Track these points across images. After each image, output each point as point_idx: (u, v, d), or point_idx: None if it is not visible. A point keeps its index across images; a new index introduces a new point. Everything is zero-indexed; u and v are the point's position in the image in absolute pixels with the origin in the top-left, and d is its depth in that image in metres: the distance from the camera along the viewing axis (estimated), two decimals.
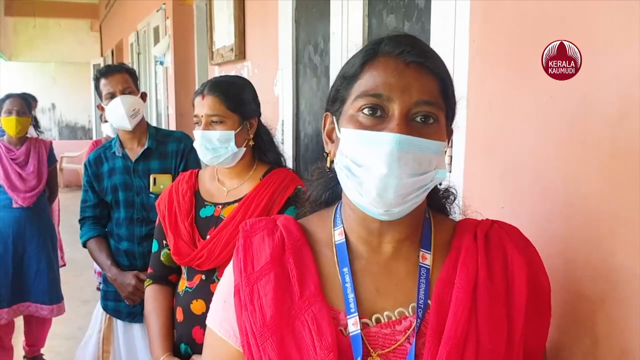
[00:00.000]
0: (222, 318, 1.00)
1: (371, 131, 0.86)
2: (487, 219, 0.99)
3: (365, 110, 0.87)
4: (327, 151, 0.98)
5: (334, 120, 0.95)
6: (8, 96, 3.75)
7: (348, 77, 0.92)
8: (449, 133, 0.95)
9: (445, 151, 0.92)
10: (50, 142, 3.98)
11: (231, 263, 1.01)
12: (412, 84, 0.86)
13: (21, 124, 3.66)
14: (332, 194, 1.04)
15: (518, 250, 0.93)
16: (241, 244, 0.98)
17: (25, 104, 3.71)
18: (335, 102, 0.95)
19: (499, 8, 1.41)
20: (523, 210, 1.35)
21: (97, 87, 2.61)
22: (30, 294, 3.71)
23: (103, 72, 2.58)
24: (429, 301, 0.90)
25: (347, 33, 2.10)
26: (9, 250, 3.65)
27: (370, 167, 0.85)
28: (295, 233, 0.98)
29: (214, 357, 1.03)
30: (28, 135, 3.83)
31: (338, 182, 0.93)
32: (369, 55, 0.90)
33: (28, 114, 3.73)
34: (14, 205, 3.66)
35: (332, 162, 0.95)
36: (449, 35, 1.54)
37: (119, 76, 2.55)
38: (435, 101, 0.87)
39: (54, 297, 3.81)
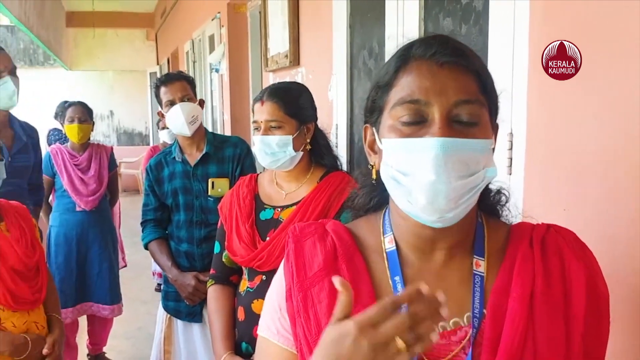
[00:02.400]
0: (278, 325, 0.97)
1: (414, 138, 0.84)
2: (542, 223, 0.95)
3: (405, 118, 0.85)
4: (371, 163, 0.96)
5: (374, 131, 0.93)
6: (70, 104, 3.91)
7: (382, 85, 0.90)
8: (494, 128, 0.92)
9: (493, 148, 0.89)
10: (111, 148, 4.13)
11: (281, 269, 0.99)
12: (449, 84, 0.84)
13: (83, 131, 3.82)
14: (379, 199, 1.01)
15: (575, 257, 0.89)
16: (292, 248, 0.97)
17: (86, 112, 3.87)
18: (373, 112, 0.93)
19: (559, 8, 1.40)
20: (587, 212, 1.33)
21: (157, 95, 2.69)
22: (92, 295, 3.84)
23: (163, 81, 2.66)
24: (484, 310, 0.87)
25: (402, 37, 2.10)
26: (73, 252, 3.78)
27: (417, 175, 0.82)
28: (346, 239, 0.96)
29: None
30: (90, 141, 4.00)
31: (385, 189, 0.92)
32: (401, 60, 0.88)
33: (89, 121, 3.89)
34: (77, 209, 3.81)
35: (377, 173, 0.93)
36: (508, 38, 1.53)
37: (178, 84, 2.63)
38: (474, 98, 0.85)
39: (115, 297, 3.93)
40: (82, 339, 4.15)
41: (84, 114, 3.84)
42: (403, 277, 0.91)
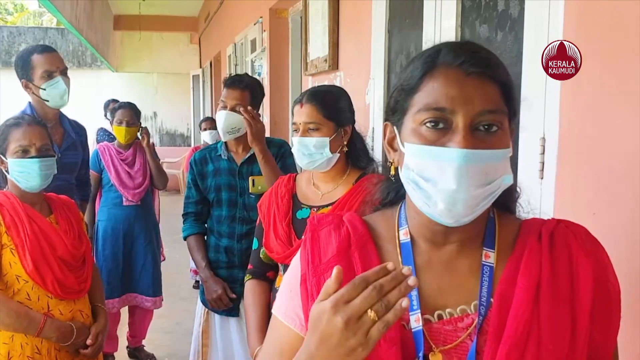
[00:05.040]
0: (287, 306, 1.02)
1: (437, 147, 0.86)
2: (553, 219, 0.97)
3: (428, 124, 0.87)
4: (390, 160, 0.98)
5: (395, 130, 0.95)
6: (120, 106, 4.12)
7: (407, 89, 0.91)
8: (511, 133, 0.93)
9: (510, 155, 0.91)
10: (153, 144, 4.30)
11: (298, 254, 1.03)
12: (474, 94, 0.86)
13: (130, 134, 4.03)
14: (395, 194, 1.04)
15: (584, 252, 0.91)
16: (309, 237, 1.01)
17: (134, 114, 4.07)
18: (395, 112, 0.94)
19: (593, 16, 1.42)
20: (617, 216, 1.34)
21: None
22: (137, 286, 3.99)
23: (227, 84, 2.65)
24: (491, 299, 0.90)
25: (439, 42, 2.13)
26: (119, 245, 3.95)
27: (438, 183, 0.85)
28: (360, 229, 0.99)
29: (278, 344, 1.04)
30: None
31: (402, 184, 0.94)
32: (428, 66, 0.89)
33: (136, 124, 4.09)
34: (125, 203, 3.97)
35: (396, 169, 0.96)
36: (542, 45, 1.55)
37: (237, 92, 2.59)
38: (498, 108, 0.87)
39: (157, 289, 4.08)
40: (122, 332, 4.27)
41: (132, 117, 4.04)
42: (415, 267, 0.95)
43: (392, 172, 0.98)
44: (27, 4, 21.19)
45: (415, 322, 0.91)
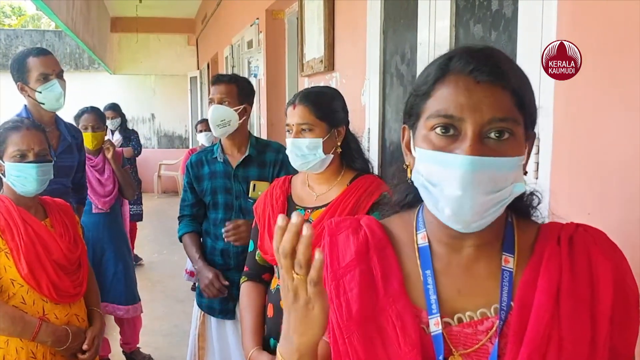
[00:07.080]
0: None
1: (444, 152, 0.86)
2: (571, 223, 0.97)
3: (437, 130, 0.88)
4: (407, 163, 0.99)
5: (411, 134, 0.96)
6: (83, 111, 4.01)
7: (420, 94, 0.92)
8: (530, 137, 0.93)
9: (525, 163, 0.90)
10: (121, 151, 4.26)
11: None
12: (484, 101, 0.85)
13: (97, 139, 3.94)
14: (414, 196, 1.03)
15: (603, 255, 0.91)
16: (327, 241, 1.02)
17: (99, 119, 3.98)
18: (410, 116, 0.96)
19: (587, 16, 1.41)
20: (611, 216, 1.34)
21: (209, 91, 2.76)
22: (108, 295, 3.84)
23: (213, 81, 2.71)
24: (511, 303, 0.90)
25: (434, 43, 2.13)
26: (89, 254, 3.81)
27: (445, 189, 0.85)
28: (378, 233, 1.01)
29: None
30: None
31: None
32: (440, 72, 0.90)
33: (102, 128, 4.01)
34: (94, 211, 3.88)
35: (412, 172, 0.96)
36: (536, 45, 1.55)
37: (222, 86, 2.65)
38: (509, 116, 0.86)
39: (130, 298, 3.96)
40: (117, 336, 4.25)
41: (97, 122, 3.95)
42: (434, 271, 0.95)
43: (409, 175, 0.97)
44: (25, 7, 21.20)
45: (435, 325, 0.91)
